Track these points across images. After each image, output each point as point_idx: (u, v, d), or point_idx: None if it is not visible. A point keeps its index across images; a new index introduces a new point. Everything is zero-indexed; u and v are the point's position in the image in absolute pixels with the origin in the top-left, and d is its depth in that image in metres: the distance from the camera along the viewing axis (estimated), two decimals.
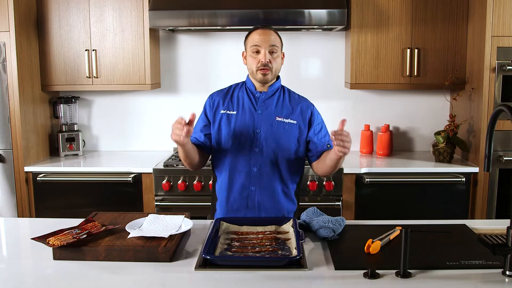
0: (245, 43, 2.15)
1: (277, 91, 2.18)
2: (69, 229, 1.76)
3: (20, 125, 3.17)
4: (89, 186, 3.21)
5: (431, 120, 3.67)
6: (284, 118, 2.13)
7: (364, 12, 3.28)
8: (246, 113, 2.13)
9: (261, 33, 2.08)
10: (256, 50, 2.07)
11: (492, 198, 3.12)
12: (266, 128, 2.11)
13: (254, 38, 2.08)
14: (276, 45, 2.08)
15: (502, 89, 3.03)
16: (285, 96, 2.19)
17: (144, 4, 3.30)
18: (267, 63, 2.06)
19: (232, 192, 2.13)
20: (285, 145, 2.12)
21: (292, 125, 2.13)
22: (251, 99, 2.15)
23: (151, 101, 3.73)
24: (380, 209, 3.14)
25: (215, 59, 3.68)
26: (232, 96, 2.18)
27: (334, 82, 3.67)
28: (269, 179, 2.12)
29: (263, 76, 2.08)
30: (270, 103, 2.15)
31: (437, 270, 1.55)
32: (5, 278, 1.56)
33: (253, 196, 2.12)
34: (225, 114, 2.14)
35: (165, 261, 1.63)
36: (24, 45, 3.21)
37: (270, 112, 2.13)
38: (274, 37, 2.09)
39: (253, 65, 2.09)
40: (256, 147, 2.10)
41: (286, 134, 2.12)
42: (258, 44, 2.06)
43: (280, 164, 2.12)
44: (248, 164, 2.10)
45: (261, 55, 2.06)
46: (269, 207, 2.13)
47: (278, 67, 2.12)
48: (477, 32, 3.13)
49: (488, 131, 1.60)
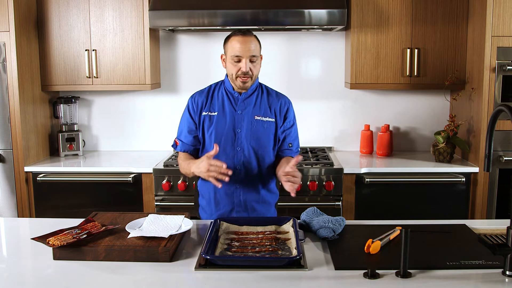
0: (225, 47, 2.19)
1: (256, 90, 2.25)
2: (69, 229, 1.76)
3: (20, 125, 3.17)
4: (89, 186, 3.21)
5: (431, 120, 3.67)
6: (262, 116, 2.22)
7: (364, 12, 3.28)
8: (227, 113, 2.20)
9: (242, 41, 2.11)
10: (238, 60, 2.12)
11: (492, 198, 3.12)
12: (246, 127, 2.19)
13: (235, 47, 2.11)
14: (256, 54, 2.14)
15: (502, 89, 3.03)
16: (264, 95, 2.27)
17: (144, 4, 3.30)
18: (247, 71, 2.12)
19: (218, 190, 2.20)
20: (264, 143, 2.21)
21: (270, 123, 2.23)
22: (230, 100, 2.22)
23: (151, 101, 3.73)
24: (380, 209, 3.14)
25: (215, 59, 3.67)
26: (213, 97, 2.25)
27: (334, 82, 3.67)
28: (252, 176, 2.21)
29: (243, 84, 2.16)
30: (249, 102, 2.22)
31: (437, 270, 1.55)
32: (5, 278, 1.56)
33: (238, 193, 2.21)
34: (207, 115, 2.22)
35: (165, 261, 1.63)
36: (24, 45, 3.21)
37: (249, 112, 2.21)
38: (254, 45, 2.14)
39: (233, 71, 2.15)
40: (238, 146, 2.19)
41: (265, 132, 2.21)
42: (239, 54, 2.10)
43: (261, 160, 2.22)
44: (232, 163, 2.18)
45: (242, 64, 2.12)
46: (254, 201, 2.23)
47: (257, 72, 2.19)
48: (477, 32, 3.13)
49: (488, 131, 1.60)
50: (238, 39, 2.12)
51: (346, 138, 3.73)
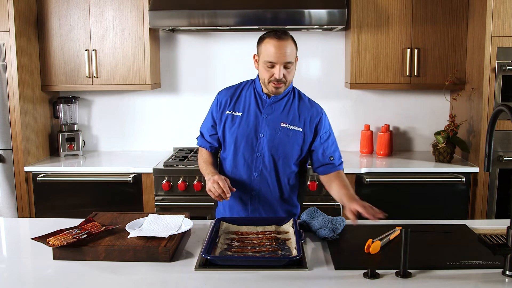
0: (258, 48, 2.02)
1: (287, 94, 2.09)
2: (69, 229, 1.76)
3: (20, 125, 3.17)
4: (89, 186, 3.21)
5: (431, 120, 3.67)
6: (289, 124, 2.06)
7: (364, 12, 3.28)
8: (251, 115, 2.06)
9: (277, 46, 1.93)
10: (271, 65, 1.96)
11: (492, 198, 3.12)
12: (269, 133, 2.05)
13: (269, 51, 1.94)
14: (291, 61, 1.96)
15: (502, 89, 3.03)
16: (295, 100, 2.10)
17: (144, 4, 3.30)
18: (281, 78, 1.96)
19: (233, 194, 2.10)
20: (286, 153, 2.06)
21: (297, 132, 2.06)
22: (257, 101, 2.08)
23: (151, 101, 3.73)
24: (380, 209, 3.14)
25: (215, 59, 3.68)
26: (240, 96, 2.11)
27: (334, 82, 3.67)
28: (269, 185, 2.09)
29: (276, 89, 2.00)
30: (277, 107, 2.07)
31: (437, 270, 1.55)
32: (5, 278, 1.56)
33: (254, 200, 2.11)
34: (231, 115, 2.09)
35: (165, 261, 1.63)
36: (24, 45, 3.21)
37: (275, 117, 2.06)
38: (290, 50, 1.95)
39: (266, 76, 1.99)
40: (258, 152, 2.06)
41: (289, 141, 2.06)
42: (273, 60, 1.94)
43: (280, 171, 2.08)
44: (249, 168, 2.08)
45: (275, 70, 1.95)
46: (270, 211, 2.12)
47: (292, 78, 2.02)
48: (477, 32, 3.13)
49: (488, 131, 1.60)
50: (273, 43, 1.93)
51: (346, 138, 3.73)
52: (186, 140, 3.68)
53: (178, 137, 3.72)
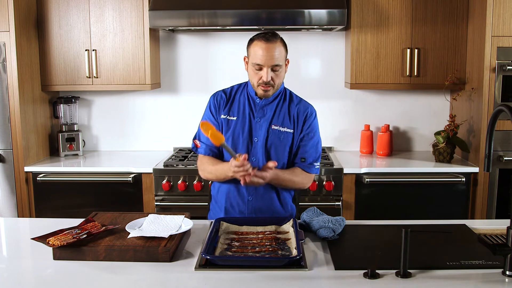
0: (248, 51, 2.03)
1: (278, 96, 2.09)
2: (69, 229, 1.76)
3: (20, 125, 3.17)
4: (89, 186, 3.21)
5: (431, 120, 3.67)
6: (280, 126, 2.06)
7: (364, 12, 3.28)
8: (246, 120, 2.07)
9: (265, 48, 1.93)
10: (259, 68, 1.97)
11: (492, 198, 3.12)
12: (262, 137, 2.05)
13: (257, 54, 1.95)
14: (280, 63, 1.96)
15: (502, 89, 3.03)
16: (285, 101, 2.10)
17: (144, 4, 3.30)
18: (268, 81, 1.97)
19: (230, 199, 2.12)
20: (279, 155, 2.07)
21: (287, 134, 2.07)
22: (251, 105, 2.09)
23: (151, 101, 3.73)
24: (380, 209, 3.14)
25: (215, 59, 3.68)
26: (234, 99, 2.11)
27: (334, 82, 3.67)
28: (266, 189, 2.08)
29: (264, 92, 2.01)
30: (269, 109, 2.08)
31: (437, 270, 1.55)
32: (5, 278, 1.56)
33: (251, 205, 2.11)
34: (225, 119, 2.09)
35: (165, 261, 1.63)
36: (24, 45, 3.21)
37: (267, 120, 2.07)
38: (279, 52, 1.95)
39: (254, 79, 2.01)
40: (253, 156, 2.06)
41: (281, 144, 2.07)
42: (261, 63, 1.94)
43: None
44: None
45: (263, 72, 1.96)
46: (267, 215, 2.11)
47: (280, 81, 2.03)
48: (477, 32, 3.13)
49: (488, 131, 1.60)
50: (261, 45, 1.94)
51: (346, 138, 3.73)
52: (186, 140, 3.68)
53: (178, 137, 3.72)
